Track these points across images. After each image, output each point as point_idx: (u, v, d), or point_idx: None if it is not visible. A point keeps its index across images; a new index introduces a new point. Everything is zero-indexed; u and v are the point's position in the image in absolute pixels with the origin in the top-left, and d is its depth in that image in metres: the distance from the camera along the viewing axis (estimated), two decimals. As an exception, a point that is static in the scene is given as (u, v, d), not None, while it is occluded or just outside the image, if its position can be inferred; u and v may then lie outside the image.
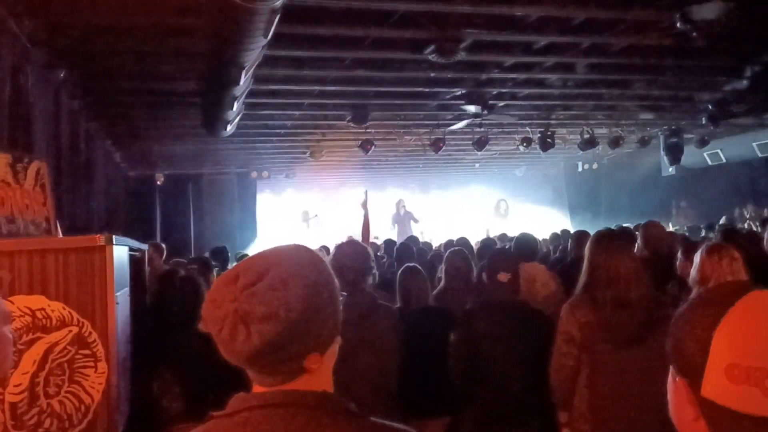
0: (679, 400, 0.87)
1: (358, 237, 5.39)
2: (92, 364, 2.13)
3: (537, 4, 5.52)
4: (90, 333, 2.13)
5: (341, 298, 1.10)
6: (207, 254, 7.41)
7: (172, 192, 13.99)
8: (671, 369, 0.90)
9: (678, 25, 4.89)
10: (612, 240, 2.72)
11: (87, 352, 2.13)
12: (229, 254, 7.84)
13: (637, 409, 2.44)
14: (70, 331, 2.11)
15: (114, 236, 2.20)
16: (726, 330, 0.80)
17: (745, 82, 8.15)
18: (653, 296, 2.64)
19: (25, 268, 2.06)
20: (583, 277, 2.70)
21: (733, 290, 0.85)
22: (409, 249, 5.91)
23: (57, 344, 2.10)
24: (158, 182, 13.67)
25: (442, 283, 4.02)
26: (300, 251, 1.07)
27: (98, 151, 9.09)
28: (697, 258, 3.05)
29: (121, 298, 2.31)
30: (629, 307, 2.51)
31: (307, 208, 15.72)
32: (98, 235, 2.16)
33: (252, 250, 11.63)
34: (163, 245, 7.80)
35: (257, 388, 1.03)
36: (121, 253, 2.35)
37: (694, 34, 4.97)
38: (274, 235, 14.84)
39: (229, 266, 7.17)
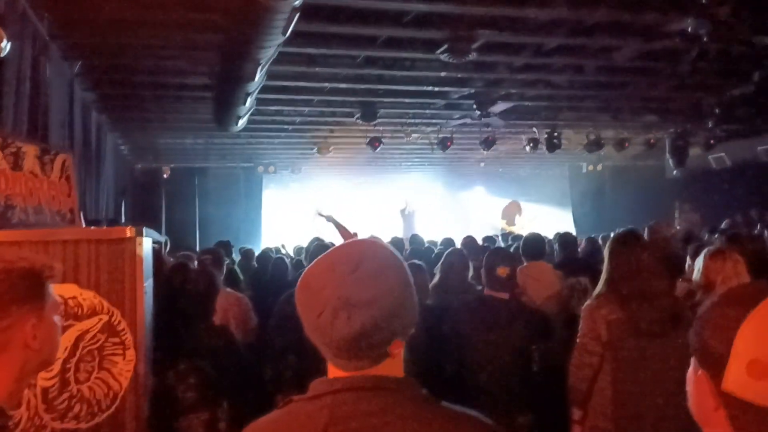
0: (700, 391, 0.92)
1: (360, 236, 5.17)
2: (121, 351, 2.19)
3: (548, 7, 5.57)
4: (119, 322, 2.19)
5: None
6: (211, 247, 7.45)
7: (177, 185, 14.04)
8: (693, 361, 0.95)
9: (689, 29, 4.93)
10: (632, 237, 2.82)
11: (116, 340, 2.19)
12: (233, 248, 7.90)
13: (660, 404, 2.49)
14: (101, 319, 2.17)
15: (144, 228, 2.26)
16: (751, 327, 0.85)
17: (752, 87, 8.18)
18: (674, 292, 2.72)
19: (58, 258, 2.11)
20: (604, 274, 2.78)
21: (759, 290, 0.90)
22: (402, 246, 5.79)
23: (88, 332, 2.16)
24: (164, 175, 13.73)
25: (436, 278, 4.08)
26: (381, 244, 1.13)
27: (107, 143, 9.15)
28: (699, 261, 3.08)
29: (148, 289, 2.37)
30: (653, 299, 2.58)
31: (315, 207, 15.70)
32: (128, 227, 2.23)
33: (256, 245, 11.66)
34: (167, 237, 7.84)
35: (338, 373, 1.07)
36: (147, 245, 2.41)
37: (705, 39, 5.01)
38: (278, 230, 14.86)
39: (231, 259, 7.22)
